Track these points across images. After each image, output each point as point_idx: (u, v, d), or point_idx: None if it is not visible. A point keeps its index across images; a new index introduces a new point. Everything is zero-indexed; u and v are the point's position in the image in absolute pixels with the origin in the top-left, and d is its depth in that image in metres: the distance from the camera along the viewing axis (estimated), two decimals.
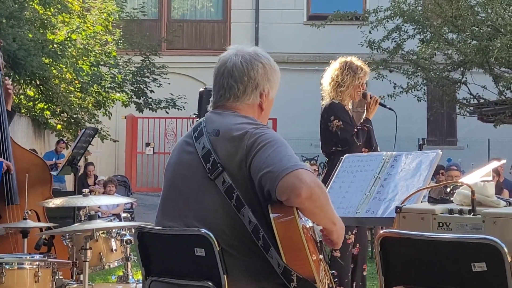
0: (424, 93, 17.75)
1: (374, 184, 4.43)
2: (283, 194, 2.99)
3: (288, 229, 3.00)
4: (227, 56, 3.39)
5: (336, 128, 6.31)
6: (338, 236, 3.26)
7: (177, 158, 3.39)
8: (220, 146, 3.20)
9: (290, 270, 2.99)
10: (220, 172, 3.14)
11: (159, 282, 3.36)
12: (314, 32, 18.68)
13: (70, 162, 7.03)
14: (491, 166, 4.14)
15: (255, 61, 3.35)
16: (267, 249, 3.05)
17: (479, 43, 14.93)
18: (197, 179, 3.23)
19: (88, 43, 18.14)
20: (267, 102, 3.40)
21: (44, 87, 16.87)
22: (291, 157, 3.06)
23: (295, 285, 2.99)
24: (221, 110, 3.36)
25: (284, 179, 2.97)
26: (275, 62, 3.47)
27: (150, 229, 3.36)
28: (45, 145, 19.18)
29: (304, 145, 19.77)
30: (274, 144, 3.10)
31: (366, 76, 6.49)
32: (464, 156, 19.46)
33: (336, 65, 6.44)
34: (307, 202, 3.00)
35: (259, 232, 3.07)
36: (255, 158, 3.09)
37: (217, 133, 3.24)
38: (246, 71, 3.33)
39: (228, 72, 3.34)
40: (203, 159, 3.21)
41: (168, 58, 21.06)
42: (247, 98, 3.35)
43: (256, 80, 3.34)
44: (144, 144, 21.06)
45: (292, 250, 2.99)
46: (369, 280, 10.25)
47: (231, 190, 3.12)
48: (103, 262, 5.79)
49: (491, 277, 3.02)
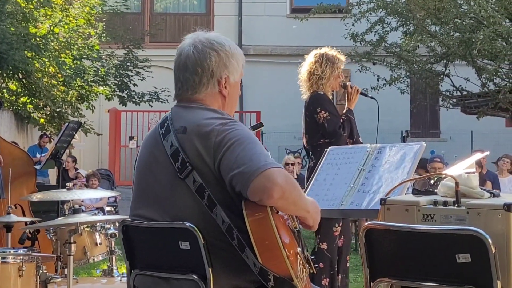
0: (407, 85, 17.76)
1: (358, 176, 4.44)
2: (255, 196, 2.96)
3: (261, 228, 2.98)
4: (182, 47, 3.35)
5: (323, 120, 6.31)
6: (313, 221, 3.27)
7: (146, 155, 3.35)
8: (188, 144, 3.15)
9: (267, 270, 2.97)
10: (189, 172, 3.11)
11: (144, 276, 3.34)
12: (298, 25, 18.67)
13: (53, 156, 6.99)
14: (474, 158, 4.16)
15: (208, 49, 3.29)
16: (242, 249, 3.03)
17: (462, 35, 14.96)
18: (168, 178, 3.19)
19: (70, 36, 18.04)
20: (230, 88, 3.34)
21: (26, 80, 16.79)
22: (260, 155, 3.01)
23: (272, 284, 2.98)
24: (186, 103, 3.31)
25: (255, 181, 2.93)
26: (234, 44, 3.41)
27: (135, 223, 3.33)
28: (28, 139, 19.09)
29: (287, 138, 19.81)
30: (242, 142, 3.05)
31: (343, 65, 6.50)
32: (447, 148, 19.52)
33: (311, 59, 6.43)
34: (280, 201, 2.98)
35: (232, 232, 3.05)
36: (224, 157, 3.04)
37: (184, 130, 3.19)
38: (199, 61, 3.27)
39: (183, 64, 3.31)
40: (172, 158, 3.17)
41: (151, 52, 20.99)
42: (204, 88, 3.29)
43: (210, 69, 3.28)
44: (128, 137, 20.98)
45: (267, 250, 2.97)
46: (353, 272, 10.29)
47: (202, 190, 3.08)
48: (87, 256, 5.76)
49: (476, 268, 3.04)
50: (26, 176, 6.50)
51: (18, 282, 4.88)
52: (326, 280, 6.26)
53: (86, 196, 6.73)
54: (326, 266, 6.26)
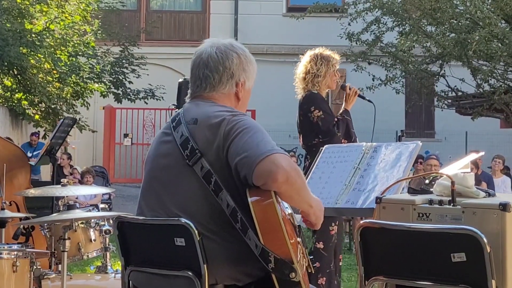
0: (403, 85, 17.81)
1: (354, 175, 4.44)
2: (260, 179, 3.01)
3: (266, 212, 3.02)
4: (202, 48, 3.42)
5: (317, 119, 6.33)
6: (316, 218, 3.30)
7: (155, 150, 3.40)
8: (198, 134, 3.22)
9: (268, 251, 3.00)
10: (198, 158, 3.17)
11: (138, 272, 3.36)
12: (294, 24, 18.67)
13: (48, 152, 6.98)
14: (470, 158, 4.16)
15: (230, 51, 3.39)
16: (245, 231, 3.07)
17: (458, 36, 14.99)
18: (175, 166, 3.25)
19: (66, 33, 18.02)
20: (244, 92, 3.43)
21: (22, 77, 16.78)
22: (267, 143, 3.08)
23: (273, 265, 3.01)
24: (199, 100, 3.39)
25: (260, 164, 3.00)
26: (251, 54, 3.50)
27: (130, 219, 3.36)
28: (22, 135, 19.07)
29: (282, 137, 19.76)
30: (250, 130, 3.13)
31: (338, 64, 6.52)
32: (441, 149, 19.54)
33: (307, 59, 6.47)
34: (284, 186, 3.02)
35: (237, 215, 3.09)
36: (232, 144, 3.12)
37: (195, 121, 3.26)
38: (221, 60, 3.36)
39: (204, 63, 3.37)
40: (181, 146, 3.23)
41: (147, 49, 20.99)
42: (222, 87, 3.37)
43: (231, 70, 3.37)
44: (122, 135, 20.98)
45: (270, 232, 3.01)
46: (347, 271, 10.30)
47: (209, 175, 3.14)
48: (81, 252, 5.74)
49: (471, 267, 3.05)
50: (20, 172, 6.48)
51: (12, 277, 4.86)
52: (323, 280, 6.26)
53: (81, 193, 6.71)
54: (323, 266, 6.27)
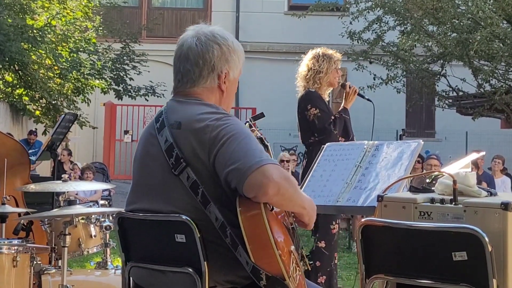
0: (404, 84, 17.78)
1: (355, 173, 4.44)
2: (250, 192, 2.95)
3: (254, 225, 2.97)
4: (184, 38, 3.32)
5: (313, 117, 6.36)
6: (309, 218, 3.26)
7: (142, 150, 3.33)
8: (182, 140, 3.14)
9: (259, 269, 2.96)
10: (183, 168, 3.10)
11: (139, 268, 3.34)
12: (295, 22, 18.65)
13: (49, 147, 6.98)
14: (471, 158, 4.16)
15: (211, 42, 3.26)
16: (235, 247, 3.03)
17: (459, 35, 14.97)
18: (162, 174, 3.18)
19: (67, 29, 18.01)
20: (228, 84, 3.32)
21: (23, 72, 16.76)
22: (255, 151, 3.01)
23: (265, 283, 2.97)
24: (182, 98, 3.29)
25: (250, 177, 2.93)
26: (236, 40, 3.39)
27: (131, 215, 3.33)
28: (23, 131, 19.06)
29: (283, 135, 19.81)
30: (237, 138, 3.04)
31: (339, 62, 6.56)
32: (442, 149, 19.52)
33: (309, 57, 6.56)
34: (275, 197, 2.97)
35: (226, 230, 3.04)
36: (219, 153, 3.03)
37: (178, 125, 3.17)
38: (201, 53, 3.24)
39: (184, 55, 3.27)
40: (166, 153, 3.16)
41: (148, 46, 20.98)
42: (203, 81, 3.27)
43: (211, 63, 3.25)
44: (123, 131, 20.97)
45: (260, 248, 2.97)
46: (346, 270, 10.30)
47: (196, 187, 3.08)
48: (82, 248, 5.75)
49: (472, 266, 3.05)
50: (20, 167, 6.46)
51: (12, 272, 4.85)
52: (323, 278, 6.28)
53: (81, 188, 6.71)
54: (323, 264, 6.29)
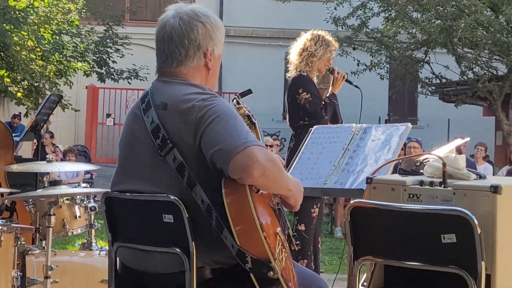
0: (387, 71, 17.83)
1: (343, 155, 4.44)
2: (235, 174, 2.94)
3: (239, 208, 2.97)
4: (165, 19, 3.27)
5: (304, 101, 6.33)
6: (295, 200, 3.27)
7: (127, 131, 3.30)
8: (169, 121, 3.12)
9: (244, 252, 2.96)
10: (170, 149, 3.08)
11: (125, 248, 3.31)
12: (280, 7, 18.63)
13: (33, 128, 6.94)
14: (455, 144, 4.17)
15: (194, 21, 3.23)
16: (221, 230, 3.01)
17: (443, 22, 15.01)
18: (148, 154, 3.16)
19: (50, 11, 17.88)
20: (214, 60, 3.30)
21: (4, 54, 16.62)
22: (241, 132, 2.99)
23: (250, 266, 2.96)
24: (168, 78, 3.26)
25: (235, 158, 2.91)
26: (217, 17, 3.36)
27: (118, 195, 3.29)
28: (4, 113, 18.96)
29: (266, 120, 19.80)
30: (223, 118, 3.02)
31: (335, 52, 6.56)
32: (424, 136, 19.51)
33: (308, 36, 6.48)
34: (260, 179, 2.96)
35: (211, 213, 3.02)
36: (205, 133, 3.02)
37: (164, 106, 3.15)
38: (186, 33, 3.21)
39: (168, 36, 3.23)
40: (152, 134, 3.13)
41: (131, 29, 20.91)
42: (190, 61, 3.24)
43: (197, 41, 3.22)
44: (105, 114, 20.91)
45: (245, 232, 2.96)
46: (328, 255, 10.36)
47: (183, 168, 3.06)
48: (66, 229, 5.72)
49: (461, 249, 3.05)
50: (3, 148, 6.42)
51: None
52: (304, 262, 6.27)
53: (65, 169, 6.65)
54: (304, 248, 6.27)
